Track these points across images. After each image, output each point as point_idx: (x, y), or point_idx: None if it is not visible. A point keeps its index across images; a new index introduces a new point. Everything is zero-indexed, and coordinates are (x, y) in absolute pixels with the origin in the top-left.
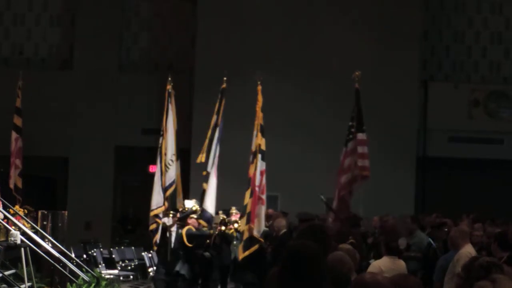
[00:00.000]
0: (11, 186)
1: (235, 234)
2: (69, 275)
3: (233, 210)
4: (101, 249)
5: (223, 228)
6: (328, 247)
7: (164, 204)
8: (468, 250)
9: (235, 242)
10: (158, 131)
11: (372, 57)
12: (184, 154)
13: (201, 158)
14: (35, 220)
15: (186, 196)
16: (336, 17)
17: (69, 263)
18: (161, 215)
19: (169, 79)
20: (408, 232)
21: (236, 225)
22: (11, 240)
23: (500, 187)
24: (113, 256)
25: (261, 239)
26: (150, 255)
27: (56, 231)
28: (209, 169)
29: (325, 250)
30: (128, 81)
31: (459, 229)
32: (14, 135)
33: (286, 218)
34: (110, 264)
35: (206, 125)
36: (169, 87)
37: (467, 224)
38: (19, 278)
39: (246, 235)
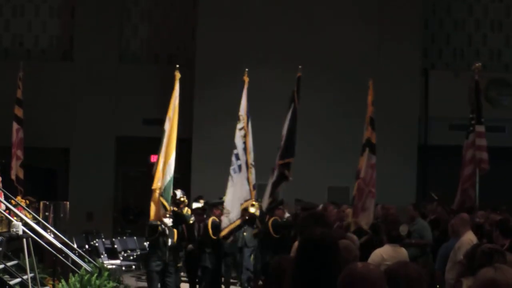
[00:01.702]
0: (13, 177)
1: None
2: (71, 266)
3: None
4: (103, 240)
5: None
6: None
7: (251, 197)
8: (469, 238)
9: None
10: (159, 121)
11: (372, 46)
12: (185, 145)
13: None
14: (37, 211)
15: (188, 187)
16: (336, 7)
17: (72, 254)
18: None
19: (177, 66)
20: (410, 219)
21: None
22: (13, 231)
23: (502, 174)
24: (115, 246)
25: (369, 231)
26: None
27: (58, 222)
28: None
29: None
30: (129, 71)
31: (460, 217)
32: (15, 126)
33: (287, 208)
34: (112, 254)
35: (206, 116)
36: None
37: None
38: (21, 269)
39: (352, 227)
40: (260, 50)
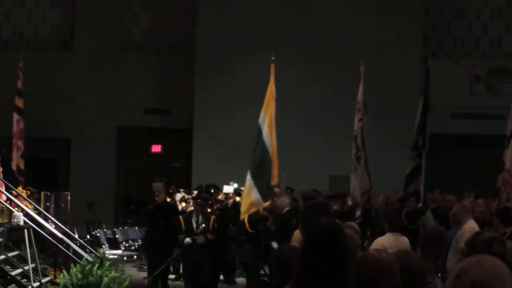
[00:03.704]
0: (14, 167)
1: None
2: (72, 256)
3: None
4: (105, 230)
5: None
6: None
7: (370, 188)
8: (471, 226)
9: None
10: (160, 112)
11: (373, 34)
12: (186, 135)
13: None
14: (38, 202)
15: (189, 177)
16: None
17: (73, 244)
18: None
19: (272, 58)
20: None
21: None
22: (14, 221)
23: (502, 162)
24: (117, 236)
25: None
26: None
27: (59, 212)
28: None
29: None
30: (129, 61)
31: (461, 205)
32: (15, 116)
33: (289, 197)
34: (114, 245)
35: (207, 105)
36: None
37: (470, 201)
38: (22, 259)
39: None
40: (260, 39)
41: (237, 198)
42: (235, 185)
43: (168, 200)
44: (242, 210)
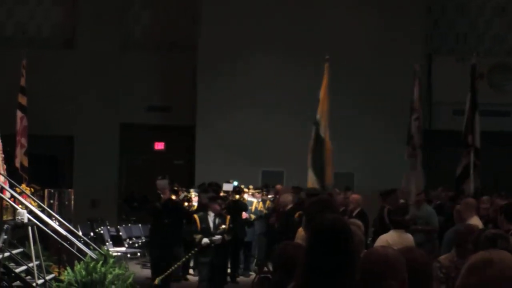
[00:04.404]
0: (17, 165)
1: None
2: (76, 253)
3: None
4: (108, 227)
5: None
6: None
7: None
8: (475, 223)
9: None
10: (162, 108)
11: (373, 34)
12: (189, 132)
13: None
14: (42, 199)
15: (192, 175)
16: None
17: (77, 241)
18: None
19: (327, 57)
20: (416, 205)
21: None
22: (18, 218)
23: (505, 159)
24: (120, 233)
25: None
26: None
27: (63, 209)
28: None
29: None
30: (131, 59)
31: (466, 202)
32: (19, 114)
33: (293, 194)
34: (117, 242)
35: (209, 104)
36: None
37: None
38: (26, 256)
39: None
40: (262, 37)
41: (237, 196)
42: (235, 183)
43: (173, 197)
44: None
